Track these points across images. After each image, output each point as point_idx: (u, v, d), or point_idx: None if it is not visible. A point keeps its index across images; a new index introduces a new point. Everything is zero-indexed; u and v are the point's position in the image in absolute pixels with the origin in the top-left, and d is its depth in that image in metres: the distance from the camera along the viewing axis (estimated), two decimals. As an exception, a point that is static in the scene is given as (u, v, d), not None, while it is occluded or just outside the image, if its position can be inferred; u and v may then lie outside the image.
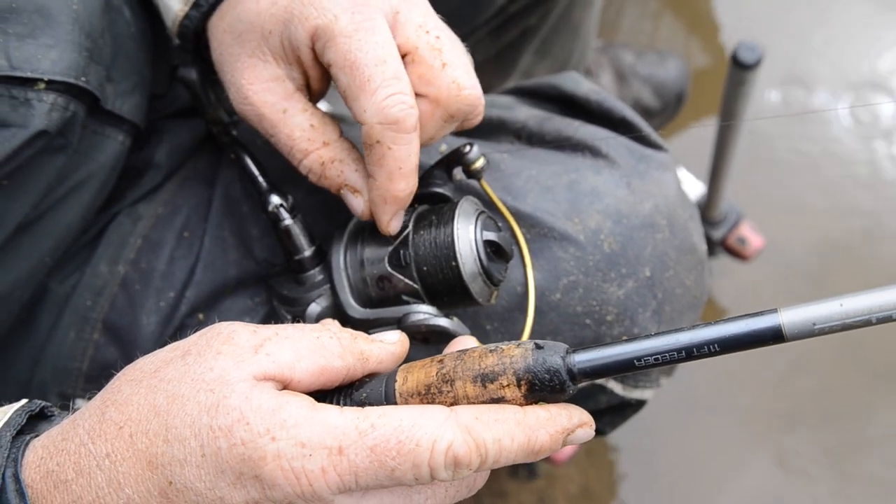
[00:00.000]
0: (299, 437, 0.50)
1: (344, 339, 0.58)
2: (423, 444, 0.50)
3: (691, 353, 0.51)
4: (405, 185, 0.68)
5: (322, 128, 0.72)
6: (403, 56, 0.68)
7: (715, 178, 1.68)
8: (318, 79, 0.72)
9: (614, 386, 0.87)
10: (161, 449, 0.51)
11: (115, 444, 0.52)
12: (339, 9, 0.66)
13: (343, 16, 0.66)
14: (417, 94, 0.68)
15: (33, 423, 0.58)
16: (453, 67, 0.68)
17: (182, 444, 0.51)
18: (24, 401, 0.58)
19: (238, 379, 0.52)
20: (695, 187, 1.87)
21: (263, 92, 0.71)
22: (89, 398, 0.84)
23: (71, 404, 0.84)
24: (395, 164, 0.67)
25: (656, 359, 0.52)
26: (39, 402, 0.58)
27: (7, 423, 0.55)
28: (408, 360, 0.61)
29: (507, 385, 0.53)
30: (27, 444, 0.55)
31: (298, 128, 0.71)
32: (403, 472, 0.50)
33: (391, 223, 0.71)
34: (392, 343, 0.61)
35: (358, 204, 0.73)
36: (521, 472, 1.71)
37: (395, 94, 0.65)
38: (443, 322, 0.71)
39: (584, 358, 0.53)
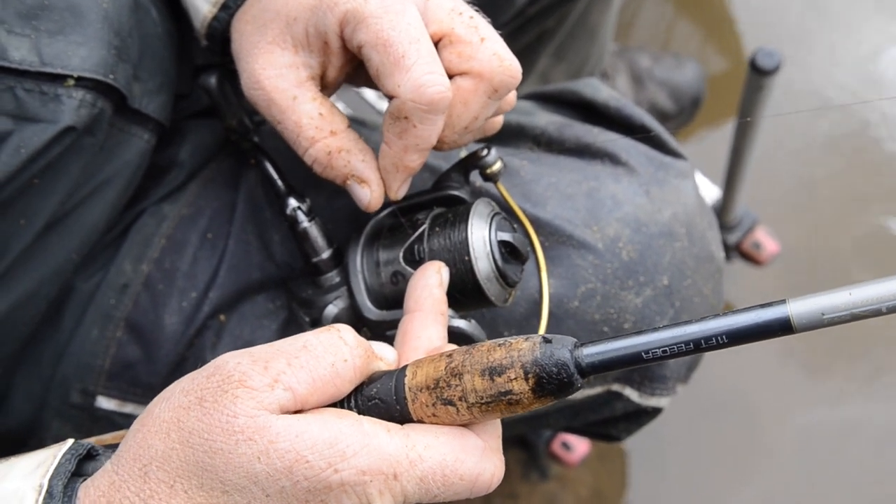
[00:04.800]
0: (359, 466, 0.52)
1: (358, 362, 0.57)
2: (466, 477, 0.55)
3: (699, 344, 0.50)
4: (418, 157, 0.69)
5: (330, 117, 0.72)
6: (440, 40, 0.69)
7: (730, 183, 1.67)
8: (339, 68, 0.73)
9: (630, 393, 0.87)
10: (222, 499, 0.52)
11: (172, 502, 0.52)
12: None
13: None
14: (459, 73, 0.69)
15: (80, 463, 0.57)
16: (492, 41, 0.68)
17: (242, 492, 0.52)
18: (69, 442, 0.57)
19: (271, 421, 0.52)
20: (710, 191, 1.86)
21: (276, 77, 0.72)
22: (111, 395, 0.85)
23: (94, 402, 0.85)
24: (414, 140, 0.68)
25: (664, 351, 0.51)
26: (85, 443, 0.57)
27: (57, 471, 0.54)
28: None
29: (515, 378, 0.53)
30: (76, 492, 0.54)
31: (307, 115, 0.71)
32: (445, 497, 0.55)
33: (400, 190, 0.72)
34: (390, 364, 0.62)
35: (364, 194, 0.73)
36: (533, 474, 1.71)
37: (432, 74, 0.65)
38: (460, 324, 0.72)
39: (592, 351, 0.53)
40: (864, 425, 1.77)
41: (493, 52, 0.68)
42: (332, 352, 0.56)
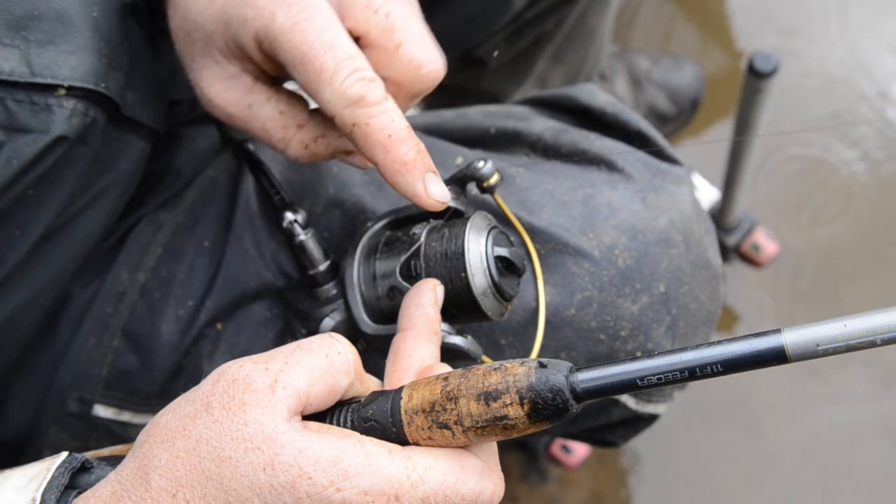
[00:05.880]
0: (362, 487, 0.52)
1: (352, 357, 0.58)
2: (468, 497, 0.55)
3: (694, 373, 0.51)
4: (406, 147, 0.65)
5: (292, 111, 0.71)
6: (357, 40, 0.66)
7: (729, 185, 1.67)
8: (276, 68, 0.71)
9: (627, 400, 0.87)
10: None
11: None
12: (274, 5, 0.64)
13: (279, 12, 0.64)
14: (381, 77, 0.66)
15: (74, 476, 0.57)
16: (408, 45, 0.66)
17: (244, 503, 0.52)
18: (63, 455, 0.57)
19: (279, 432, 0.52)
20: (709, 193, 1.86)
21: (225, 91, 0.71)
22: (108, 404, 0.85)
23: (91, 411, 0.85)
24: (381, 134, 0.64)
25: (659, 378, 0.52)
26: (79, 456, 0.57)
27: (50, 485, 0.54)
28: None
29: (511, 404, 0.53)
30: None
31: (269, 118, 0.71)
32: None
33: (429, 190, 0.66)
34: (377, 384, 0.62)
35: (357, 162, 0.73)
36: (533, 476, 1.71)
37: (351, 74, 0.63)
38: (457, 340, 0.71)
39: (587, 377, 0.53)
40: (876, 426, 1.76)
41: (409, 60, 0.66)
42: (326, 346, 0.57)
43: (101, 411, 0.85)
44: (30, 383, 0.85)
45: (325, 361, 0.56)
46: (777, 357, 0.49)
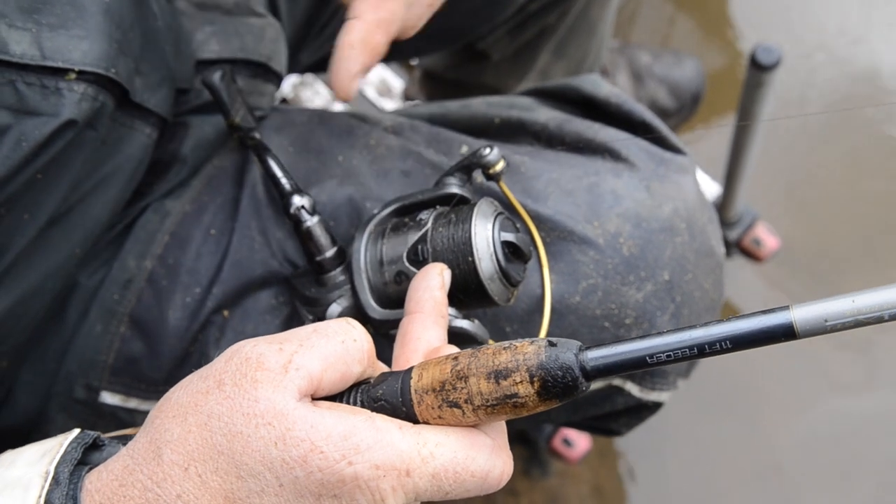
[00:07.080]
0: (373, 461, 0.52)
1: (367, 346, 0.58)
2: (478, 474, 0.56)
3: (703, 349, 0.51)
4: (384, 38, 0.76)
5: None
6: None
7: (731, 180, 1.68)
8: None
9: (631, 388, 0.88)
10: (236, 485, 0.52)
11: (185, 486, 0.52)
12: None
13: None
14: None
15: (85, 453, 0.57)
16: None
17: (256, 478, 0.52)
18: (75, 431, 0.57)
19: (290, 408, 0.53)
20: (710, 188, 1.87)
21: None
22: (115, 390, 0.86)
23: (98, 398, 0.86)
24: (388, 14, 0.75)
25: (668, 356, 0.52)
26: (91, 433, 0.58)
27: (63, 459, 0.54)
28: None
29: (521, 382, 0.54)
30: (82, 479, 0.54)
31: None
32: (456, 494, 0.56)
33: (354, 81, 0.77)
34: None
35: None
36: (534, 470, 1.72)
37: None
38: (464, 324, 0.72)
39: (596, 355, 0.53)
40: (880, 418, 1.76)
41: None
42: (342, 332, 0.57)
43: (108, 398, 0.86)
44: (37, 370, 0.85)
45: (340, 348, 0.56)
46: (785, 333, 0.49)
